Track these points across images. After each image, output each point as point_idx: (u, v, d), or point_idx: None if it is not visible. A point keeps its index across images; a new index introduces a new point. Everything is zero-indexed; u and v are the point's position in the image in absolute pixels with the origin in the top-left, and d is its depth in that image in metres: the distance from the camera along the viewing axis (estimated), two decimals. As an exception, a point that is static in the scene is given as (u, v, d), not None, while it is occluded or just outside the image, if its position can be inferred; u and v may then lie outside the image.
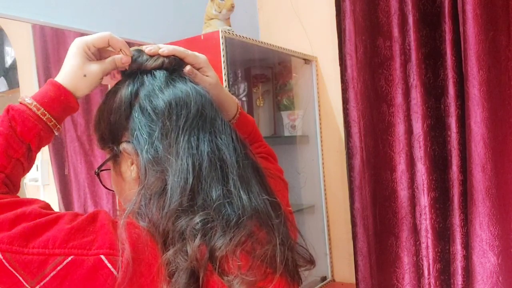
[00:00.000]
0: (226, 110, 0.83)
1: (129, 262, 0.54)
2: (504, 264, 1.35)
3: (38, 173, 1.23)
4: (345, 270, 1.91)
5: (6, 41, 1.18)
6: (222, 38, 1.40)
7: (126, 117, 0.69)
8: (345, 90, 1.63)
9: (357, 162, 1.61)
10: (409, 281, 1.55)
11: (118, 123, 0.70)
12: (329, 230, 1.94)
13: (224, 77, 1.39)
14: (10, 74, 1.20)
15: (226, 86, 1.40)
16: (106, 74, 0.73)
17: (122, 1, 1.44)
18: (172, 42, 1.39)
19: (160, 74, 0.71)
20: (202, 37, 1.44)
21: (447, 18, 1.43)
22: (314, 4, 1.94)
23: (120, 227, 0.57)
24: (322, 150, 1.92)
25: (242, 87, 1.80)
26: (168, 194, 0.61)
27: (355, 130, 1.61)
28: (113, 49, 0.72)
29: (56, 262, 0.54)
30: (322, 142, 1.93)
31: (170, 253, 0.57)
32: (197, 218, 0.59)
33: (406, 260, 1.55)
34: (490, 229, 1.34)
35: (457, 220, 1.43)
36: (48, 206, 0.62)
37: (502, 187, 1.36)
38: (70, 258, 0.54)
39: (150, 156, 0.65)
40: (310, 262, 0.71)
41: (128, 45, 0.73)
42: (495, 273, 1.34)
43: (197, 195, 0.62)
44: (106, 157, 0.74)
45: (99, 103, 0.75)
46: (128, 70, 0.73)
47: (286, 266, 0.64)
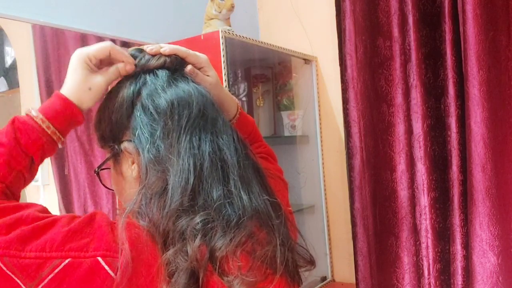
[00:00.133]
0: (227, 110, 0.83)
1: (128, 263, 0.54)
2: (504, 264, 1.35)
3: (38, 173, 1.22)
4: (345, 270, 1.91)
5: (6, 41, 1.18)
6: (222, 38, 1.40)
7: (128, 116, 0.69)
8: (345, 90, 1.63)
9: (357, 162, 1.61)
10: (409, 281, 1.55)
11: (120, 122, 0.70)
12: (329, 230, 1.94)
13: (224, 77, 1.39)
14: (10, 74, 1.20)
15: (226, 86, 1.40)
16: (110, 84, 0.73)
17: (122, 1, 1.44)
18: (172, 42, 1.39)
19: (162, 73, 0.71)
20: (202, 37, 1.44)
21: (447, 18, 1.43)
22: (314, 4, 1.94)
23: (120, 227, 0.57)
24: (322, 150, 1.92)
25: (242, 87, 1.80)
26: (169, 194, 0.61)
27: (355, 130, 1.61)
28: (114, 59, 0.72)
29: (53, 265, 0.54)
30: (322, 142, 1.93)
31: (170, 253, 0.57)
32: (197, 218, 0.59)
33: (406, 260, 1.55)
34: (490, 229, 1.34)
35: (457, 220, 1.43)
36: (45, 210, 0.62)
37: (502, 187, 1.36)
38: (68, 261, 0.54)
39: (151, 155, 0.64)
40: (311, 263, 0.71)
41: (128, 45, 0.73)
42: (495, 273, 1.34)
43: (198, 195, 0.62)
44: (106, 156, 0.74)
45: (101, 102, 0.75)
46: None
47: (286, 266, 0.64)
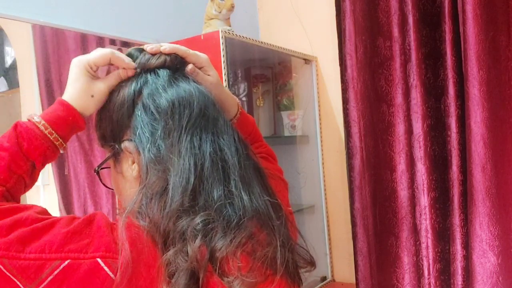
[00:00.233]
0: (227, 110, 0.83)
1: (128, 263, 0.54)
2: (504, 264, 1.35)
3: (38, 173, 1.22)
4: (345, 270, 1.91)
5: (6, 41, 1.18)
6: (222, 38, 1.40)
7: (129, 115, 0.69)
8: (345, 90, 1.63)
9: (357, 162, 1.61)
10: (409, 281, 1.55)
11: (120, 121, 0.70)
12: (329, 230, 1.94)
13: (224, 77, 1.39)
14: (10, 74, 1.20)
15: (226, 86, 1.40)
16: (111, 89, 0.72)
17: (122, 1, 1.44)
18: (172, 42, 1.38)
19: (163, 73, 0.71)
20: (202, 37, 1.44)
21: (447, 18, 1.43)
22: (314, 4, 1.94)
23: (120, 227, 0.57)
24: (322, 150, 1.92)
25: (242, 87, 1.80)
26: (169, 194, 0.61)
27: (355, 130, 1.61)
28: (115, 66, 0.72)
29: (53, 266, 0.54)
30: (322, 142, 1.93)
31: (170, 253, 0.57)
32: (198, 219, 0.59)
33: (406, 260, 1.55)
34: (490, 229, 1.34)
35: (457, 220, 1.43)
36: (45, 211, 0.62)
37: (502, 187, 1.36)
38: (67, 262, 0.54)
39: (152, 155, 0.64)
40: (311, 264, 0.71)
41: (128, 45, 0.73)
42: (495, 273, 1.34)
43: (198, 196, 0.62)
44: (107, 155, 0.74)
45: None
46: None
47: (286, 267, 0.64)
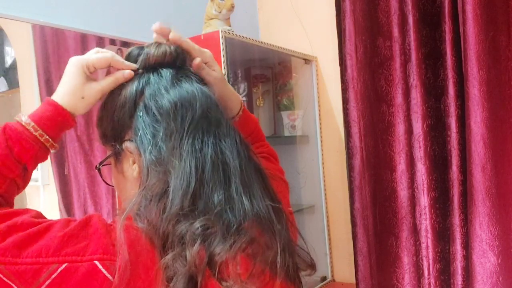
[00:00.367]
0: (230, 107, 0.82)
1: (126, 265, 0.54)
2: (504, 264, 1.35)
3: (38, 173, 1.22)
4: (345, 270, 1.91)
5: (6, 41, 1.18)
6: (222, 38, 1.40)
7: (130, 115, 0.68)
8: (345, 90, 1.63)
9: (357, 162, 1.61)
10: (409, 281, 1.55)
11: (122, 121, 0.69)
12: (329, 230, 1.94)
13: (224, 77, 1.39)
14: (10, 74, 1.19)
15: (226, 86, 1.39)
16: (105, 94, 0.71)
17: (122, 1, 1.44)
18: (172, 42, 1.39)
19: (166, 73, 0.70)
20: (202, 37, 1.44)
21: (447, 18, 1.43)
22: (314, 4, 1.94)
23: (118, 229, 0.57)
24: (322, 150, 1.92)
25: (242, 87, 1.80)
26: (169, 197, 0.60)
27: (355, 130, 1.61)
28: (115, 68, 0.71)
29: (50, 270, 0.54)
30: (322, 142, 1.93)
31: (169, 257, 0.56)
32: (197, 223, 0.58)
33: (406, 260, 1.55)
34: (490, 229, 1.34)
35: (457, 220, 1.43)
36: (40, 215, 0.61)
37: (502, 187, 1.36)
38: (64, 266, 0.54)
39: (153, 157, 0.63)
40: (311, 267, 0.70)
41: (128, 45, 0.72)
42: (495, 273, 1.34)
43: (198, 199, 0.61)
44: (107, 153, 0.73)
45: (103, 99, 0.73)
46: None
47: (287, 271, 0.63)
